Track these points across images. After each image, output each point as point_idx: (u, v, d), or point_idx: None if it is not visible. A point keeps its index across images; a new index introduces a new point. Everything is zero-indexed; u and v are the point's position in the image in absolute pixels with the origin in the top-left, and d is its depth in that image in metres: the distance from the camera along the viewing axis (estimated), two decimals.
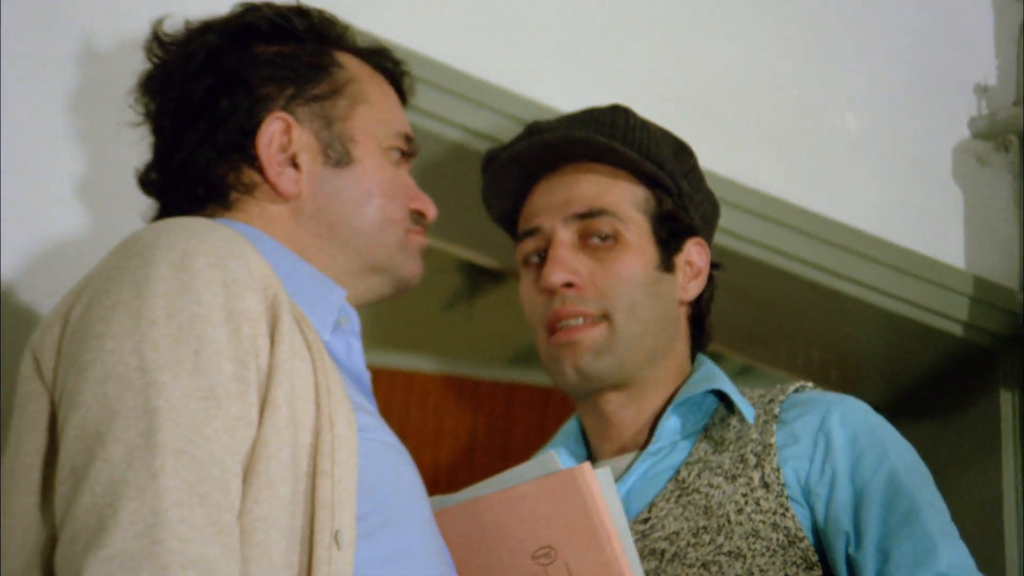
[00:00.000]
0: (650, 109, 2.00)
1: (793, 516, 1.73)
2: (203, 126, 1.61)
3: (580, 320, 1.82)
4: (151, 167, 1.66)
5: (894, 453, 1.77)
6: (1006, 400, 2.79)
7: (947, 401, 2.85)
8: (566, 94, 2.34)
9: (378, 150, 1.66)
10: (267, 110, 1.61)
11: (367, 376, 1.61)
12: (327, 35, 1.70)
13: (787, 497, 1.74)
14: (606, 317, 1.82)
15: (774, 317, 2.77)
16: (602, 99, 2.01)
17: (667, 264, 1.87)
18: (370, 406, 1.56)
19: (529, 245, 1.88)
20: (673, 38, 2.57)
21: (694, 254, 1.90)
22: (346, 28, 1.72)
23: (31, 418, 1.41)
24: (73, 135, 1.93)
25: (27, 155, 1.88)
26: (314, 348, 1.45)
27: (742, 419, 1.81)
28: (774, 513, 1.73)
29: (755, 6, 2.67)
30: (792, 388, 1.85)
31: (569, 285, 1.82)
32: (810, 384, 1.88)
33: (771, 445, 1.77)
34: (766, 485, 1.75)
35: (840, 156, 2.73)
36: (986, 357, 2.82)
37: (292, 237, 1.60)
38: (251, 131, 1.60)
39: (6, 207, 1.85)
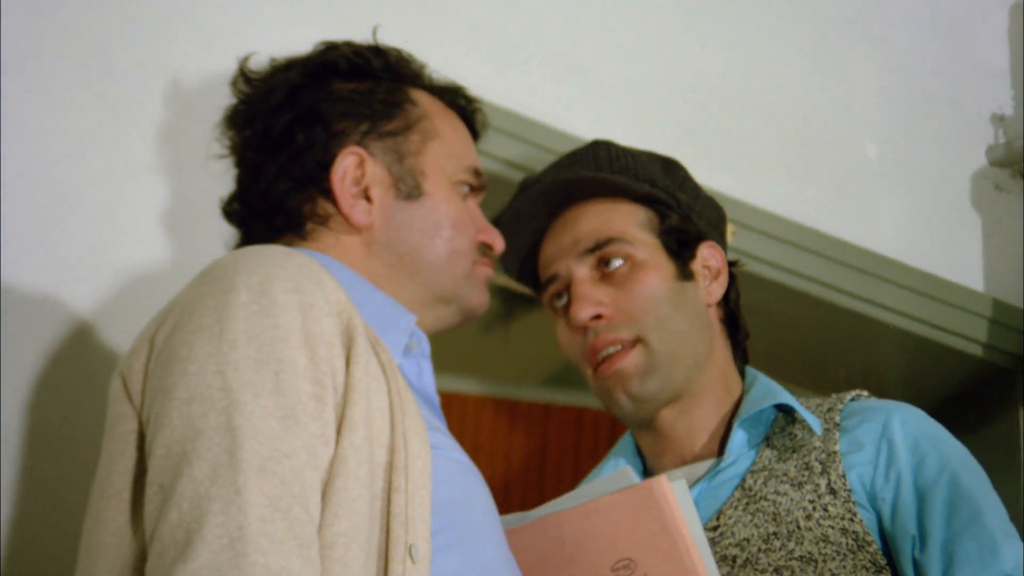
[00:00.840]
0: (677, 140, 2.06)
1: (861, 521, 1.75)
2: (282, 159, 1.66)
3: (618, 347, 1.84)
4: (234, 197, 1.71)
5: (954, 457, 1.79)
6: None
7: (967, 420, 2.84)
8: (595, 125, 2.35)
9: (448, 184, 1.70)
10: (342, 145, 1.66)
11: (437, 398, 1.63)
12: (403, 73, 1.73)
13: (854, 502, 1.76)
14: (640, 340, 1.83)
15: (799, 339, 2.80)
16: (631, 131, 2.07)
17: (685, 273, 1.89)
18: (441, 425, 1.58)
19: (552, 290, 1.90)
20: (701, 70, 2.61)
21: (708, 257, 1.92)
22: (422, 66, 1.76)
23: (121, 438, 1.44)
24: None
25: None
26: (388, 369, 1.47)
27: (803, 428, 1.82)
28: (842, 518, 1.75)
29: (780, 40, 2.72)
30: (849, 397, 1.87)
31: (598, 317, 1.84)
32: (865, 393, 1.90)
33: (835, 452, 1.79)
34: (833, 491, 1.77)
35: (861, 183, 2.76)
36: (1005, 377, 2.84)
37: (364, 266, 1.64)
38: (326, 165, 1.65)
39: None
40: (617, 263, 1.87)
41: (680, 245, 1.90)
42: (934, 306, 2.76)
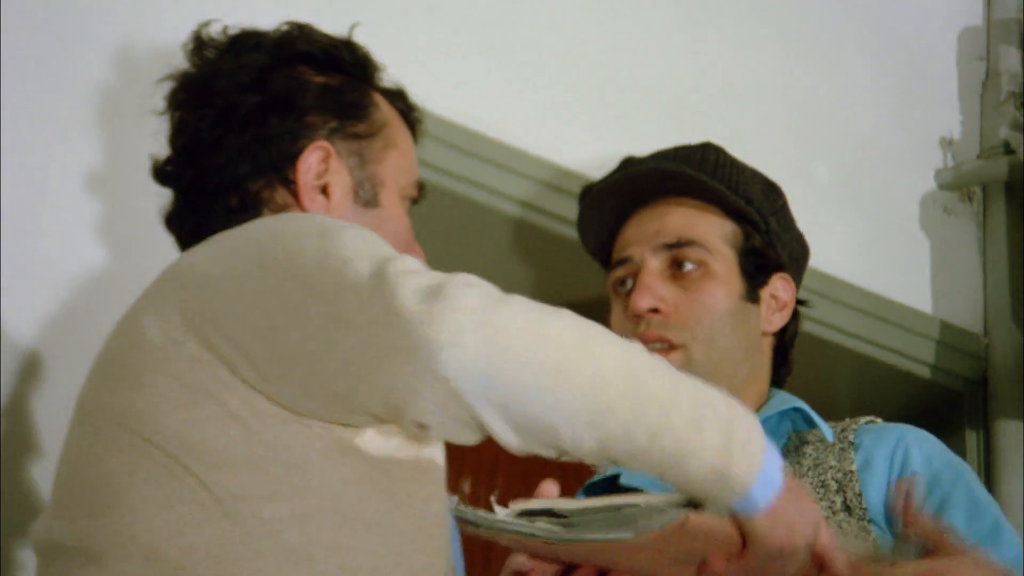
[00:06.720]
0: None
1: (874, 539, 1.75)
2: (246, 139, 1.63)
3: (664, 346, 1.83)
4: (175, 162, 1.68)
5: (969, 476, 1.82)
6: (971, 440, 2.84)
7: None
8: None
9: (399, 197, 1.69)
10: (310, 138, 1.64)
11: None
12: (369, 73, 1.73)
13: (868, 520, 1.76)
14: (684, 346, 1.84)
15: None
16: (583, 151, 2.07)
17: (752, 296, 1.90)
18: None
19: (619, 273, 1.91)
20: (651, 92, 2.61)
21: (779, 288, 1.93)
22: (380, 68, 1.75)
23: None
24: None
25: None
26: None
27: (817, 445, 1.83)
28: (855, 536, 1.75)
29: (732, 65, 2.73)
30: (863, 420, 1.88)
31: (655, 311, 1.84)
32: (879, 419, 1.91)
33: (852, 472, 1.80)
34: (848, 509, 1.77)
35: (812, 205, 2.69)
36: (952, 399, 2.87)
37: None
38: (293, 155, 1.63)
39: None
40: (690, 267, 1.87)
41: (756, 269, 1.91)
42: (883, 327, 2.77)
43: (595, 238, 1.98)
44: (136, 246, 1.94)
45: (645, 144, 2.07)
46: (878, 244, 2.85)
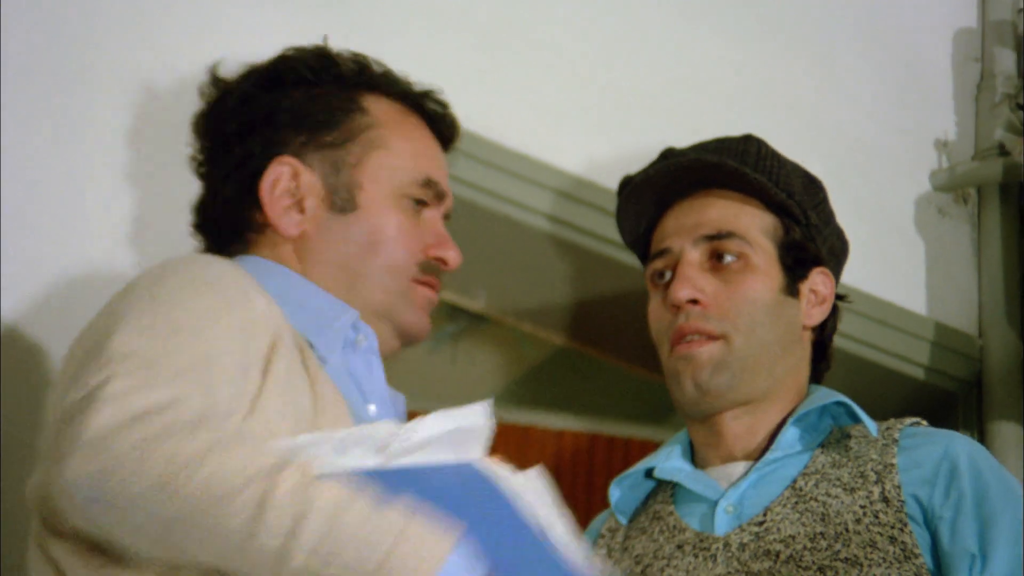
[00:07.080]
0: (628, 161, 2.05)
1: (911, 532, 1.75)
2: (228, 167, 1.67)
3: (701, 337, 1.84)
4: (194, 206, 1.72)
5: (1018, 491, 1.80)
6: None
7: None
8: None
9: (386, 197, 1.67)
10: (276, 155, 1.65)
11: (390, 394, 1.64)
12: (358, 80, 1.72)
13: (906, 514, 1.76)
14: (724, 336, 1.84)
15: None
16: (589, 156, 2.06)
17: (792, 289, 1.90)
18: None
19: (658, 265, 1.91)
20: (648, 94, 2.63)
21: (819, 283, 1.93)
22: (385, 71, 1.74)
23: None
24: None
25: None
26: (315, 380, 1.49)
27: (860, 440, 1.84)
28: (892, 527, 1.75)
29: (727, 64, 2.74)
30: (909, 421, 1.88)
31: (694, 302, 1.84)
32: (924, 422, 1.90)
33: (892, 465, 1.79)
34: (886, 500, 1.77)
35: None
36: (947, 400, 2.88)
37: (304, 274, 1.64)
38: (259, 174, 1.65)
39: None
40: (730, 259, 1.88)
41: (796, 262, 1.91)
42: (877, 329, 2.78)
43: (632, 229, 1.97)
44: (138, 244, 1.96)
45: (642, 145, 2.08)
46: (873, 245, 2.84)
